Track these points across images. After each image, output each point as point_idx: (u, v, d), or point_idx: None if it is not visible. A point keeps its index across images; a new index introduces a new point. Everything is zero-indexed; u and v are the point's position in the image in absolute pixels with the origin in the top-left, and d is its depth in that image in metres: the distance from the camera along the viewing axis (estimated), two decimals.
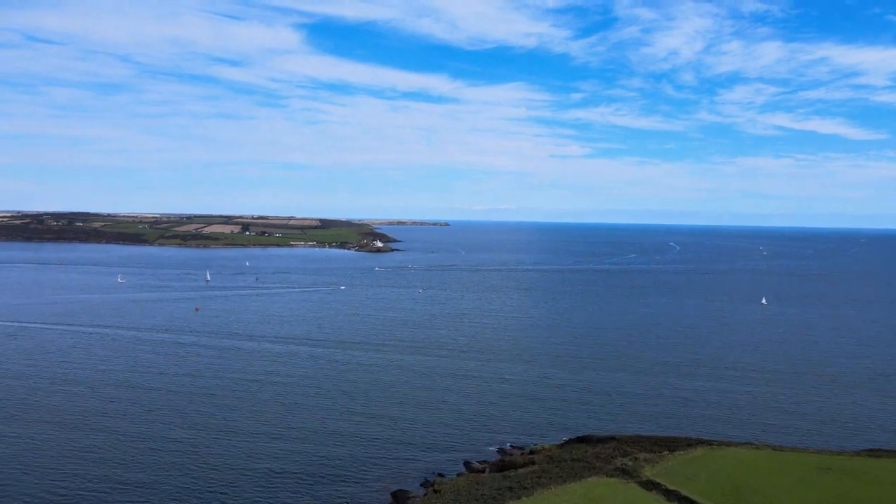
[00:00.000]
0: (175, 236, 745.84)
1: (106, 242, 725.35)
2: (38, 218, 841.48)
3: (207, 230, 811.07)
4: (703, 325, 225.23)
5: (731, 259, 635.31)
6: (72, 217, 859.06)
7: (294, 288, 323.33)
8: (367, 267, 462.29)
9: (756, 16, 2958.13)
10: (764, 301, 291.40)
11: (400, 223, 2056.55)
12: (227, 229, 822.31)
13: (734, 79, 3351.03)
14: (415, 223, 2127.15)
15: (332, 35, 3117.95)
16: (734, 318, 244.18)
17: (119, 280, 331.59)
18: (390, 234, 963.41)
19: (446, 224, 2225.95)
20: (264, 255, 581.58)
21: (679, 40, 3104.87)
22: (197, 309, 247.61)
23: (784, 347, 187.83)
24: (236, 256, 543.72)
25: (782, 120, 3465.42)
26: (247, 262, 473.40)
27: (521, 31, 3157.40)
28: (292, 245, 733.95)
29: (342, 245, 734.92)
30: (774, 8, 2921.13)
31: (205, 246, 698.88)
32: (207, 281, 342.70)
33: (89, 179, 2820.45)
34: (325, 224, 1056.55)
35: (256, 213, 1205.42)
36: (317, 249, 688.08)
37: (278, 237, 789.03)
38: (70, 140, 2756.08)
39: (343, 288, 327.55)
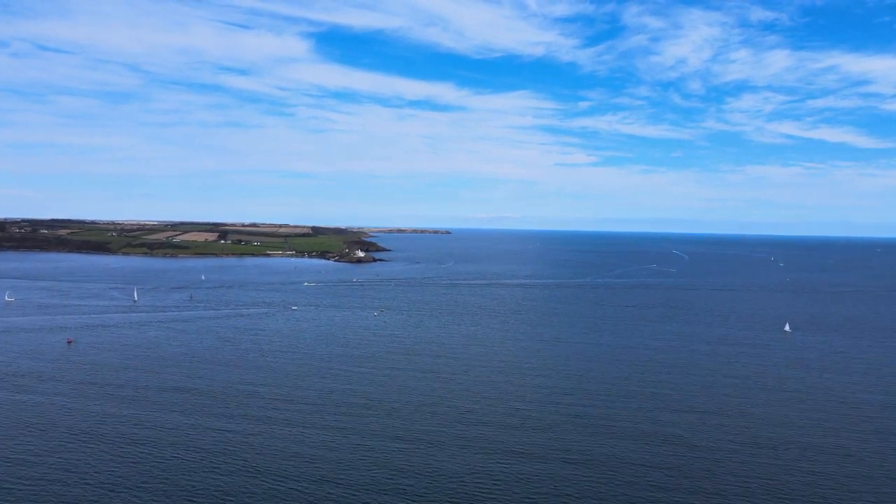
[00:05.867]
0: (142, 244, 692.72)
1: (68, 251, 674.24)
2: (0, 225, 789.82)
3: (180, 238, 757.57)
4: (718, 372, 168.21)
5: (744, 272, 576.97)
6: (37, 224, 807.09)
7: (230, 310, 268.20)
8: (336, 280, 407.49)
9: (764, 24, 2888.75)
10: (787, 328, 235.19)
11: (399, 231, 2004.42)
12: (201, 237, 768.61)
13: (742, 87, 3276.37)
14: (415, 231, 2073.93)
15: (340, 44, 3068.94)
16: (753, 354, 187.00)
17: (7, 299, 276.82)
18: (383, 243, 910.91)
19: (447, 232, 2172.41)
20: (231, 266, 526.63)
21: (687, 49, 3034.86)
22: (70, 342, 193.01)
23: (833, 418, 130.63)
24: (195, 268, 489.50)
25: (790, 128, 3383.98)
26: (202, 276, 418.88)
27: (529, 39, 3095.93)
28: (269, 255, 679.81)
29: (323, 255, 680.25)
30: (783, 16, 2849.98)
31: (172, 255, 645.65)
32: (135, 301, 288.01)
33: (96, 188, 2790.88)
34: (317, 232, 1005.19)
35: (258, 220, 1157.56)
36: (293, 260, 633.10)
37: (256, 246, 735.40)
38: (78, 148, 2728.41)
39: (295, 309, 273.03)
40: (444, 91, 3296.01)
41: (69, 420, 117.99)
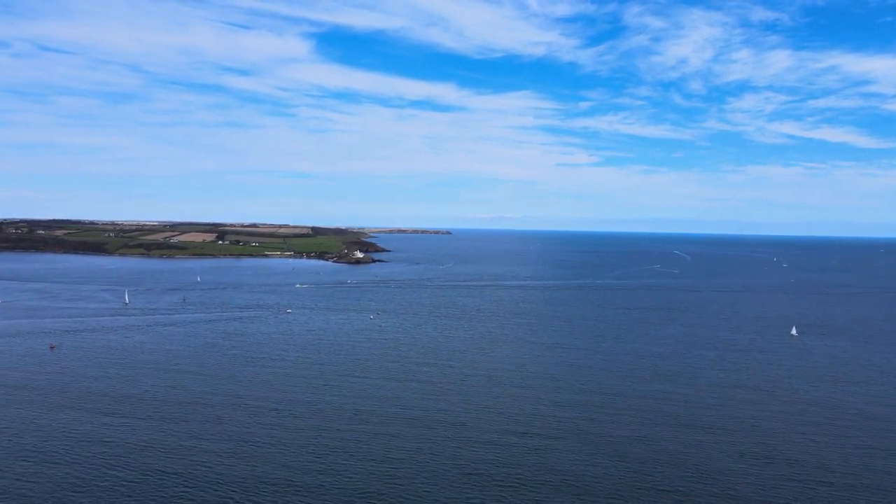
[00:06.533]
0: (139, 245, 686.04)
1: (64, 252, 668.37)
2: None
3: (177, 239, 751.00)
4: (725, 382, 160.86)
5: (748, 273, 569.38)
6: (35, 225, 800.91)
7: (222, 313, 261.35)
8: (333, 282, 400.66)
9: (766, 24, 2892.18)
10: (794, 332, 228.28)
11: (400, 231, 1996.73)
12: (199, 238, 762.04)
13: (743, 87, 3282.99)
14: (415, 231, 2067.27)
15: (341, 44, 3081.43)
16: (762, 361, 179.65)
17: None
18: (383, 244, 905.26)
19: (448, 232, 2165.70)
20: (228, 267, 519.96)
21: (688, 49, 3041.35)
22: (52, 347, 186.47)
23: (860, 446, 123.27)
24: (191, 269, 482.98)
25: (791, 128, 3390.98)
26: (198, 278, 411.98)
27: (530, 39, 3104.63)
28: (267, 255, 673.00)
29: (321, 255, 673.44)
30: (784, 16, 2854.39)
31: (169, 256, 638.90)
32: (126, 304, 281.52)
33: (96, 188, 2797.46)
34: (317, 232, 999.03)
35: (258, 221, 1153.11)
36: (291, 260, 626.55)
37: (254, 246, 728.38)
38: (78, 149, 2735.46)
39: (290, 312, 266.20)
40: (444, 91, 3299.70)
41: (33, 436, 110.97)
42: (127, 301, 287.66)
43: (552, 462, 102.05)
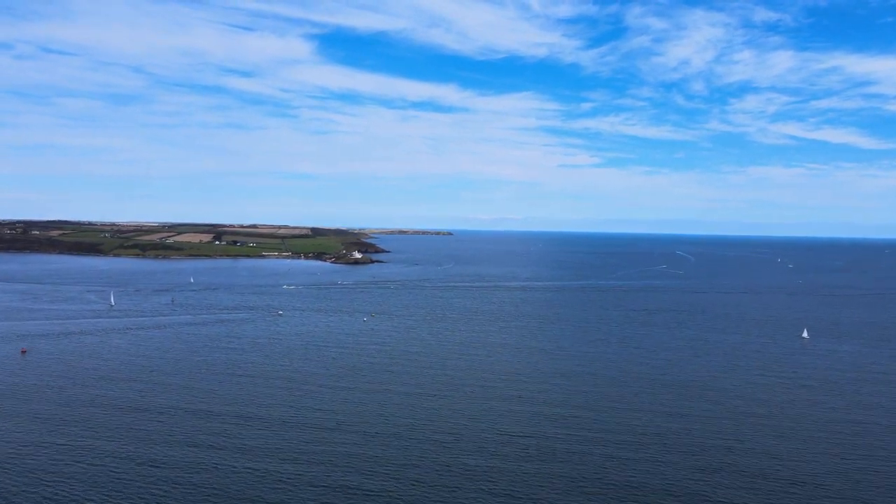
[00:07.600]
0: (135, 246, 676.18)
1: (59, 253, 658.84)
2: None
3: (174, 239, 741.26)
4: (735, 394, 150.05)
5: (753, 274, 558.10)
6: (31, 226, 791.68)
7: (211, 315, 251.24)
8: (330, 282, 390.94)
9: (768, 25, 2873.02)
10: (805, 335, 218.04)
11: (401, 232, 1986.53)
12: (196, 238, 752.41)
13: (745, 88, 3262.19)
14: (416, 232, 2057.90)
15: (344, 45, 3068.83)
16: (776, 371, 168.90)
17: None
18: (383, 244, 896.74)
19: (449, 233, 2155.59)
20: (223, 267, 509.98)
21: (690, 49, 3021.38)
22: (23, 352, 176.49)
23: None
24: (185, 269, 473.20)
25: (793, 129, 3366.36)
26: (191, 278, 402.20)
27: (532, 41, 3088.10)
28: (263, 256, 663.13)
29: (319, 256, 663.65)
30: (786, 17, 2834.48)
31: (164, 257, 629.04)
32: (111, 305, 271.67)
33: (97, 189, 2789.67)
34: (316, 233, 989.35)
35: (259, 221, 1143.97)
36: (288, 261, 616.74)
37: (251, 247, 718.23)
38: (80, 150, 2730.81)
39: (281, 314, 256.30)
40: (447, 92, 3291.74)
41: None
42: (112, 303, 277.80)
43: (550, 493, 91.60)
